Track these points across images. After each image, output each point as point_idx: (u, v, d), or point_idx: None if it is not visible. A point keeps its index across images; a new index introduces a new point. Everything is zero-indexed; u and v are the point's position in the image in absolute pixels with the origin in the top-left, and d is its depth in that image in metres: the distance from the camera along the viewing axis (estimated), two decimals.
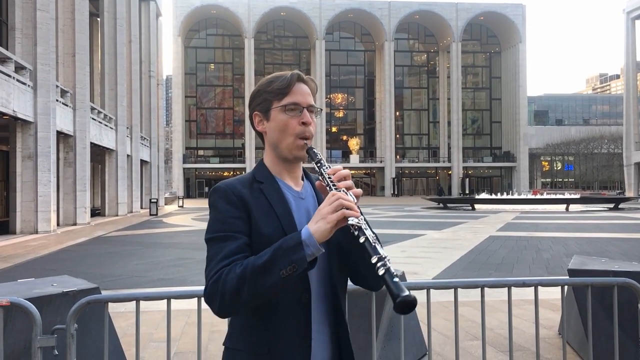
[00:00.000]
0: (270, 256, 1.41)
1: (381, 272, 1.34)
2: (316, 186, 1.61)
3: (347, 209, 1.43)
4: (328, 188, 1.53)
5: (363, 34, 77.37)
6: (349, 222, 1.42)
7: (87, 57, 25.04)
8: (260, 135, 1.71)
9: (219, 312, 1.45)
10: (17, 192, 18.95)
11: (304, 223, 1.56)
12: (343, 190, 1.49)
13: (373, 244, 1.39)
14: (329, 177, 1.54)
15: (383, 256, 1.36)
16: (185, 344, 5.44)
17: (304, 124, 1.62)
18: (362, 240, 1.40)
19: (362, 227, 1.42)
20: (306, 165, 1.74)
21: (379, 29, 73.51)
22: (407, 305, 1.28)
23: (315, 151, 1.66)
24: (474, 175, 76.89)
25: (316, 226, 1.42)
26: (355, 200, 1.49)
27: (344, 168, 1.57)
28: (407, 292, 1.28)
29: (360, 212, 1.48)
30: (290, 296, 1.53)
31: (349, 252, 1.60)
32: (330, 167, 1.59)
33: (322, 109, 1.72)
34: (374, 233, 1.44)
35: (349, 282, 1.75)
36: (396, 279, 1.32)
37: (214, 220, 1.55)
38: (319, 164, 1.60)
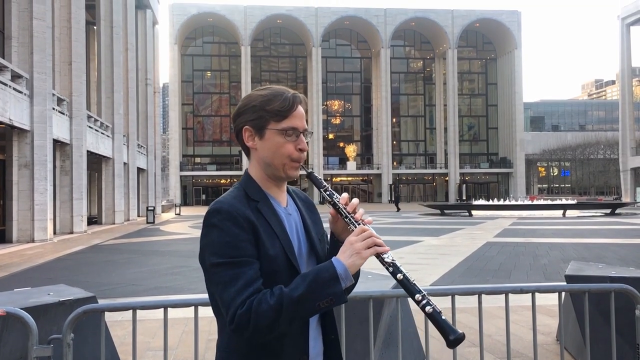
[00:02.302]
0: (307, 289, 1.43)
1: (429, 310, 1.45)
2: (330, 214, 1.64)
3: (379, 245, 1.50)
4: (347, 220, 1.58)
5: (359, 41, 77.58)
6: (385, 259, 1.50)
7: (84, 66, 25.04)
8: (244, 147, 1.68)
9: (251, 339, 1.46)
10: (14, 201, 18.90)
11: (295, 240, 1.62)
12: (361, 222, 1.57)
13: (412, 282, 1.49)
14: (345, 208, 1.60)
15: (425, 294, 1.46)
16: (183, 353, 5.42)
17: (300, 150, 1.63)
18: (399, 277, 1.49)
19: (397, 264, 1.50)
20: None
21: (375, 36, 73.73)
22: (459, 342, 1.43)
23: (318, 177, 1.70)
24: (471, 182, 76.99)
25: (351, 260, 1.47)
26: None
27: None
28: (459, 332, 1.43)
29: None
30: None
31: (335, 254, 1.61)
32: (338, 197, 1.64)
33: (312, 132, 1.73)
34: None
35: None
36: (444, 317, 1.44)
37: (222, 243, 1.49)
38: (328, 192, 1.65)
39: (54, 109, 21.06)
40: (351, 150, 74.89)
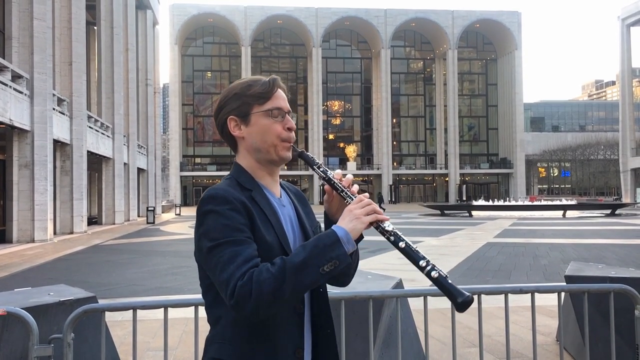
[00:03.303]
0: (309, 254, 1.39)
1: (434, 275, 1.40)
2: (325, 190, 1.63)
3: (378, 213, 1.48)
4: (343, 194, 1.57)
5: (359, 41, 77.60)
6: (386, 227, 1.48)
7: (84, 66, 25.05)
8: (230, 140, 1.65)
9: (253, 314, 1.37)
10: (14, 201, 18.91)
11: (290, 232, 1.60)
12: (358, 195, 1.54)
13: (415, 249, 1.46)
14: (340, 183, 1.59)
15: (429, 260, 1.43)
16: (183, 353, 5.42)
17: (289, 129, 1.62)
18: (402, 245, 1.47)
19: (398, 233, 1.48)
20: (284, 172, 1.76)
21: (375, 37, 73.75)
22: (468, 305, 1.37)
23: (310, 155, 1.67)
24: (471, 182, 76.98)
25: (352, 225, 1.45)
26: None
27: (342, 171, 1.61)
28: (467, 294, 1.37)
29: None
30: (287, 306, 1.48)
31: None
32: (332, 172, 1.62)
33: (295, 114, 1.75)
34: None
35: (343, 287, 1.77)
36: (450, 281, 1.40)
37: (220, 226, 1.45)
38: (321, 168, 1.62)
39: (54, 109, 21.07)
40: (351, 150, 74.89)
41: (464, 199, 67.88)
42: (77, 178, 23.55)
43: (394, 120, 76.94)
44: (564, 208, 36.53)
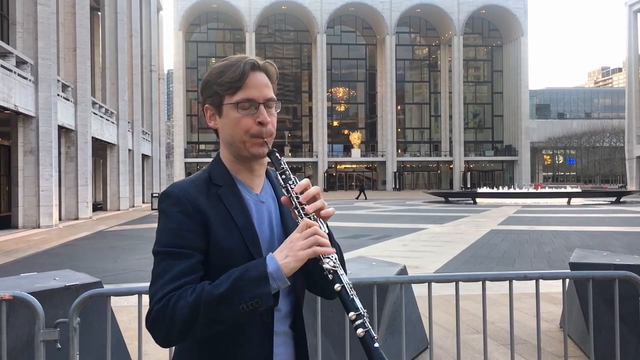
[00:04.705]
0: (230, 287, 1.25)
1: (360, 333, 1.24)
2: (282, 201, 1.44)
3: (321, 245, 1.31)
4: (296, 211, 1.38)
5: (364, 27, 77.11)
6: (324, 266, 1.31)
7: (88, 52, 25.02)
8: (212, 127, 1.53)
9: (163, 343, 1.28)
10: (19, 187, 18.98)
11: (265, 231, 1.45)
12: (313, 216, 1.36)
13: (351, 297, 1.28)
14: (297, 197, 1.39)
15: (362, 313, 1.25)
16: None
17: (260, 123, 1.44)
18: (337, 288, 1.29)
19: (338, 272, 1.31)
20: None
21: (380, 23, 73.27)
22: None
23: (279, 157, 1.46)
24: (476, 169, 76.79)
25: (285, 261, 1.29)
26: (326, 229, 1.38)
27: (310, 181, 1.43)
28: None
29: (334, 243, 1.41)
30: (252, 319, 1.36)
31: (312, 264, 1.40)
32: (296, 182, 1.42)
33: (281, 102, 1.52)
34: (345, 272, 1.35)
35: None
36: (377, 345, 1.24)
37: (164, 231, 1.36)
38: (283, 176, 1.43)
39: (58, 95, 21.08)
40: (356, 137, 74.72)
41: (469, 186, 67.77)
42: (82, 164, 23.61)
43: (399, 107, 76.65)
44: (569, 195, 36.47)
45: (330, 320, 3.72)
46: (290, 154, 71.28)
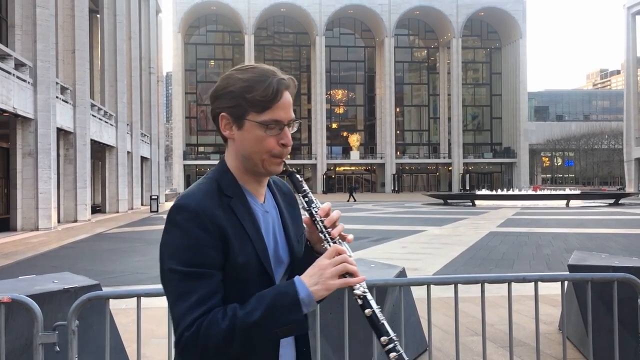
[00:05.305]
0: (264, 314, 1.26)
1: (393, 357, 1.28)
2: (304, 222, 1.46)
3: (351, 273, 1.32)
4: (323, 236, 1.39)
5: (363, 30, 77.20)
6: (354, 292, 1.33)
7: (87, 54, 25.02)
8: (221, 133, 1.47)
9: None
10: (18, 189, 18.96)
11: (270, 242, 1.44)
12: (338, 240, 1.38)
13: (381, 321, 1.31)
14: (322, 221, 1.41)
15: (393, 337, 1.29)
16: None
17: (283, 145, 1.43)
18: (368, 313, 1.32)
19: (367, 297, 1.33)
20: None
21: (379, 25, 73.34)
22: None
23: (299, 178, 1.48)
24: (475, 171, 76.87)
25: (315, 288, 1.30)
26: (351, 253, 1.38)
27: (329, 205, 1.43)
28: None
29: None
30: None
31: (308, 263, 1.40)
32: (318, 206, 1.44)
33: (299, 122, 1.51)
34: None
35: None
36: None
37: (180, 247, 1.31)
38: (306, 199, 1.45)
39: (57, 97, 21.07)
40: (354, 139, 74.75)
41: (467, 188, 67.79)
42: (80, 166, 23.59)
43: (398, 109, 76.68)
44: (568, 197, 36.48)
45: (329, 322, 3.72)
46: (289, 156, 71.05)
